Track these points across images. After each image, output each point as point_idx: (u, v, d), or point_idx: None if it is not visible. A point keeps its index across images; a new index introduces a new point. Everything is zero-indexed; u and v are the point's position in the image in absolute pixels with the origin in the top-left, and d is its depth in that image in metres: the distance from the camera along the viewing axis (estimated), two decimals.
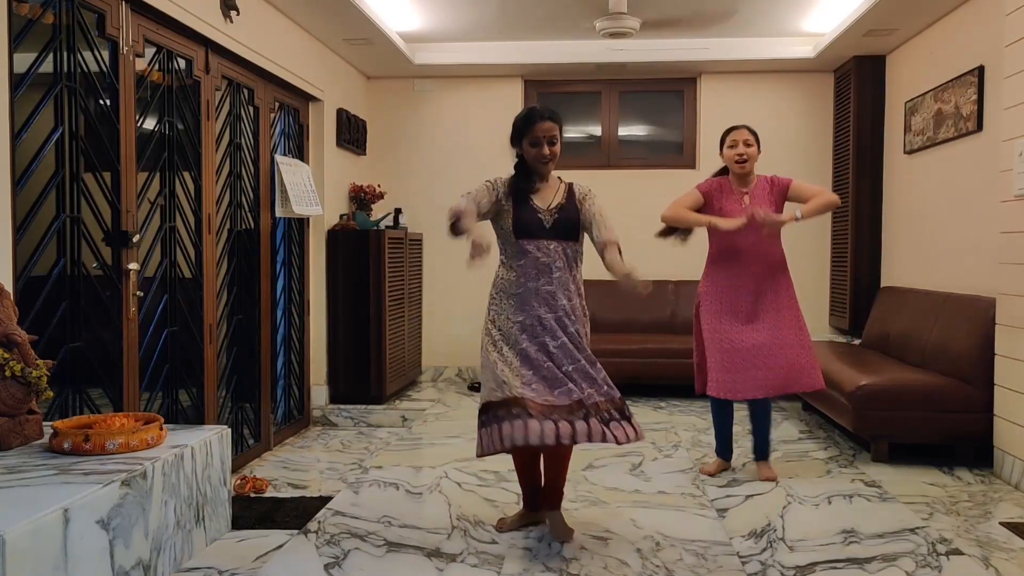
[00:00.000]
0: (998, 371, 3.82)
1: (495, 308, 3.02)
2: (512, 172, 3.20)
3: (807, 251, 6.26)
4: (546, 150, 3.09)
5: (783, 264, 3.80)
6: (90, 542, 2.08)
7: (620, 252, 3.02)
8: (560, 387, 2.85)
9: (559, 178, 3.20)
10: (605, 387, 2.92)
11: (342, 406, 5.27)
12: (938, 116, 4.83)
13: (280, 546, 2.93)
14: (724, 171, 3.90)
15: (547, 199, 3.10)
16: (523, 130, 3.14)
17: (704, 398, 4.22)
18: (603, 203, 3.19)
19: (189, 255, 3.76)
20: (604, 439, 2.81)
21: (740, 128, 3.80)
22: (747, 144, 3.73)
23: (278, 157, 4.66)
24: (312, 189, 4.95)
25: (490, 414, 2.86)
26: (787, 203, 3.79)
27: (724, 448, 3.94)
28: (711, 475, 3.87)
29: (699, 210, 3.81)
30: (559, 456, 3.03)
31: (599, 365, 2.97)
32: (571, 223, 3.05)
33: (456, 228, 2.95)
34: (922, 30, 5.09)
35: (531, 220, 3.02)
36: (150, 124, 3.52)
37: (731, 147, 3.77)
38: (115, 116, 3.20)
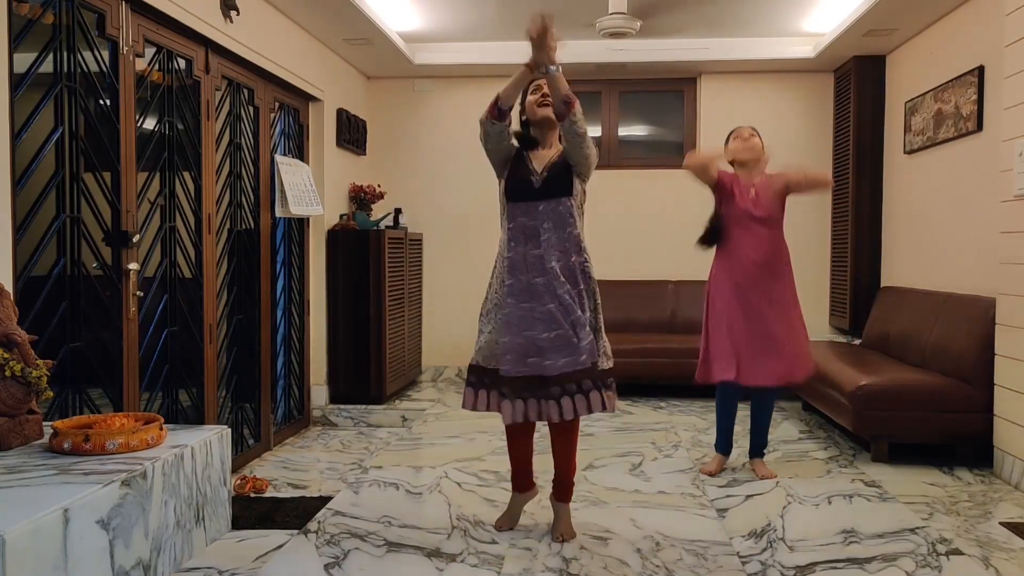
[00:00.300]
0: (998, 371, 3.82)
1: (494, 271, 3.03)
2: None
3: (807, 251, 6.26)
4: (542, 93, 3.10)
5: (784, 258, 3.84)
6: (90, 542, 2.08)
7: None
8: (533, 357, 2.82)
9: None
10: (583, 355, 2.83)
11: (342, 406, 5.27)
12: (938, 116, 4.83)
13: (280, 546, 2.93)
14: None
15: (544, 159, 3.06)
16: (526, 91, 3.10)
17: (705, 397, 4.24)
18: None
19: (189, 255, 3.76)
20: (574, 413, 2.82)
21: (742, 127, 3.94)
22: (752, 135, 3.86)
23: (278, 157, 4.66)
24: (312, 189, 4.95)
25: (473, 375, 2.99)
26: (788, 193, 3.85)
27: (724, 443, 3.95)
28: (712, 474, 3.87)
29: (712, 189, 3.88)
30: (560, 441, 3.02)
31: (589, 328, 2.88)
32: (562, 177, 2.97)
33: (500, 110, 3.12)
34: (922, 30, 5.09)
35: (522, 181, 3.00)
36: (150, 124, 3.52)
37: (736, 139, 3.88)
38: (115, 116, 3.20)
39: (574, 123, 2.97)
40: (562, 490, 3.09)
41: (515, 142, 3.11)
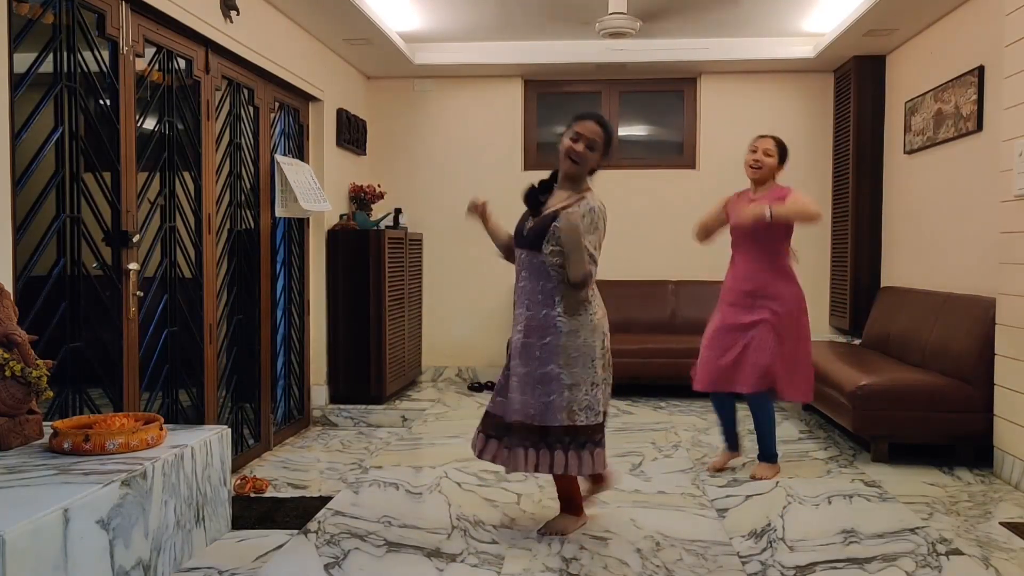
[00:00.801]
0: (998, 371, 3.82)
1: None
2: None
3: (807, 251, 6.26)
4: (580, 147, 2.99)
5: (783, 270, 3.81)
6: (90, 542, 2.08)
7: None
8: (499, 397, 3.06)
9: (582, 195, 3.05)
10: (531, 411, 2.91)
11: (342, 406, 5.27)
12: (938, 116, 4.83)
13: (280, 546, 2.93)
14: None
15: (550, 207, 3.02)
16: (570, 123, 3.06)
17: (704, 397, 4.26)
18: (590, 225, 2.99)
19: (189, 255, 3.76)
20: (525, 468, 2.93)
21: (765, 136, 3.84)
22: (766, 153, 3.78)
23: (279, 157, 4.66)
24: (318, 186, 4.96)
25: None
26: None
27: (729, 442, 4.00)
28: (719, 470, 3.90)
29: (719, 218, 3.91)
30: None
31: (543, 387, 2.90)
32: (538, 233, 2.95)
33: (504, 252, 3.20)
34: (922, 30, 5.09)
35: (520, 227, 3.07)
36: (150, 124, 3.52)
37: (752, 152, 3.83)
38: (115, 116, 3.20)
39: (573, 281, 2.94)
40: (562, 505, 3.19)
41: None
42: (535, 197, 3.06)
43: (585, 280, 2.91)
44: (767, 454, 3.88)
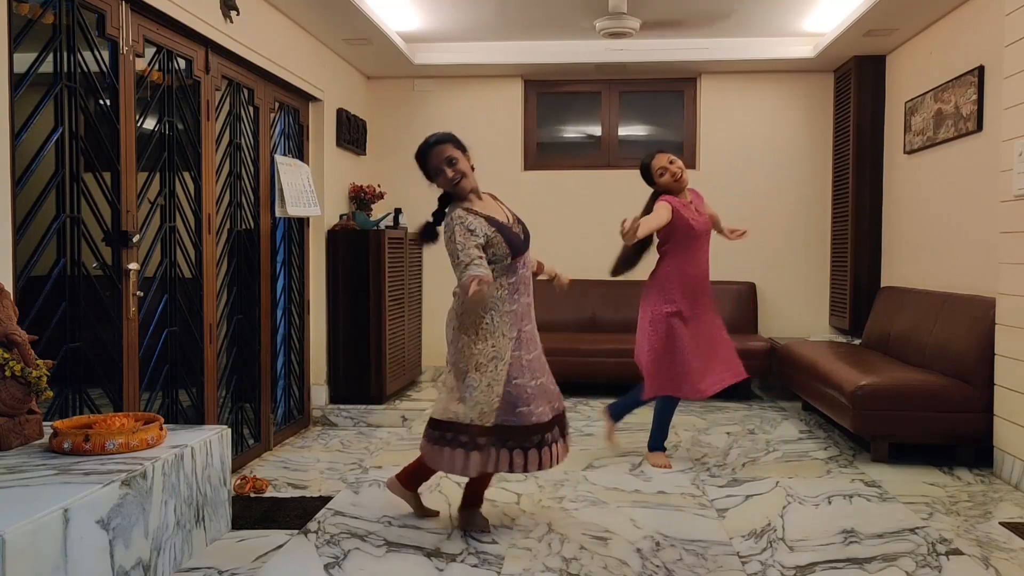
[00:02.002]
0: (998, 371, 3.82)
1: (488, 327, 2.93)
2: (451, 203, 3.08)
3: (807, 251, 6.27)
4: (450, 172, 2.99)
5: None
6: (90, 542, 2.08)
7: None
8: (537, 405, 3.00)
9: (489, 194, 3.14)
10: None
11: (342, 406, 5.27)
12: (938, 116, 4.83)
13: (280, 546, 2.93)
14: (655, 194, 4.08)
15: (504, 214, 3.05)
16: (423, 167, 3.08)
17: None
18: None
19: (189, 255, 3.76)
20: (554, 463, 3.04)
21: (664, 152, 4.05)
22: (670, 161, 3.99)
23: (277, 157, 4.66)
24: (311, 189, 4.95)
25: (466, 435, 2.97)
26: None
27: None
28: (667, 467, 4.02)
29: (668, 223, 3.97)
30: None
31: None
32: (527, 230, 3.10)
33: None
34: (922, 30, 5.09)
35: (513, 238, 2.97)
36: (150, 124, 3.52)
37: (670, 162, 3.98)
38: (115, 116, 3.20)
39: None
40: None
41: (486, 232, 2.92)
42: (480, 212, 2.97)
43: None
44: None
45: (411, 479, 3.26)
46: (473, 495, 3.20)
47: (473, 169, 3.05)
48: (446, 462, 2.92)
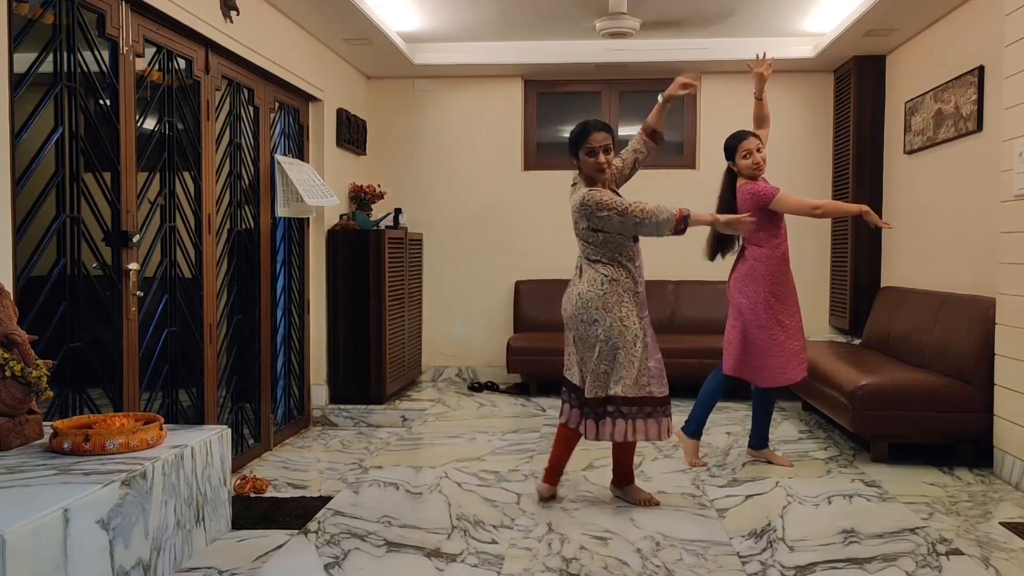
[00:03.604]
0: (998, 371, 3.82)
1: (624, 307, 3.32)
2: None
3: (807, 251, 6.26)
4: (601, 158, 3.29)
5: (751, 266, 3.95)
6: (90, 542, 2.08)
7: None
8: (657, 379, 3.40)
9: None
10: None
11: (342, 406, 5.27)
12: (938, 116, 4.83)
13: (280, 546, 2.93)
14: (732, 175, 4.03)
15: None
16: (578, 142, 3.31)
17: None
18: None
19: (189, 255, 3.76)
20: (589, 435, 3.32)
21: (749, 136, 3.93)
22: (759, 150, 3.92)
23: (279, 157, 4.66)
24: (321, 182, 4.96)
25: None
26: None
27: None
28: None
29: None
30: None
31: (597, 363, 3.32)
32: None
33: (683, 227, 3.41)
34: (922, 30, 5.09)
35: None
36: (150, 124, 3.52)
37: (752, 153, 3.91)
38: (115, 116, 3.20)
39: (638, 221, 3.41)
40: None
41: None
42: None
43: None
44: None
45: (625, 474, 3.53)
46: (628, 471, 3.51)
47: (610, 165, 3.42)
48: (650, 432, 3.28)
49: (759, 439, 4.09)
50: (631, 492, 3.48)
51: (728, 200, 3.98)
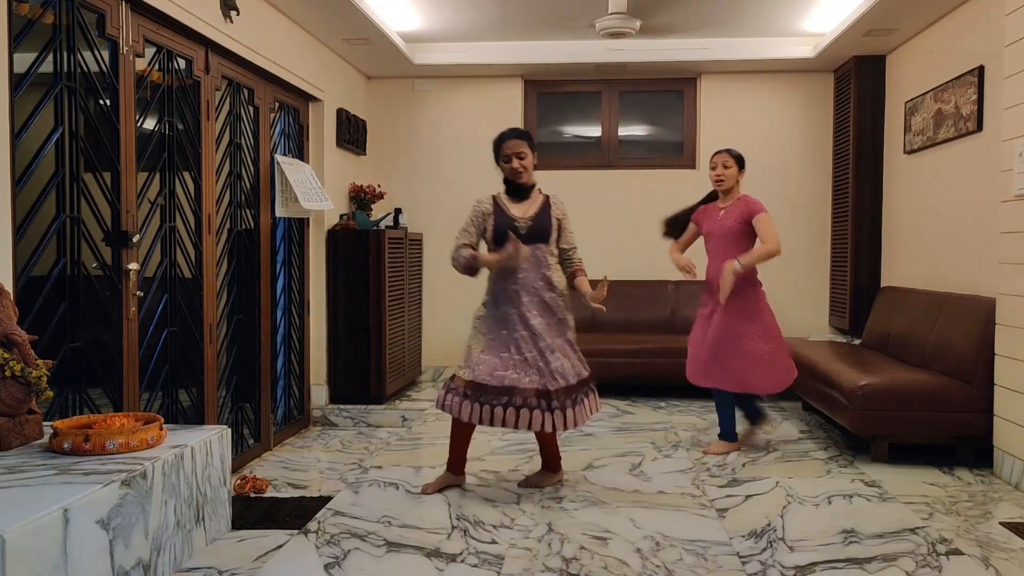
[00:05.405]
0: (998, 371, 3.82)
1: (484, 301, 3.58)
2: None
3: (807, 251, 6.27)
4: (515, 163, 3.53)
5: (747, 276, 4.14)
6: (90, 542, 2.08)
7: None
8: (508, 372, 3.40)
9: (539, 190, 3.64)
10: (556, 376, 3.42)
11: (342, 406, 5.27)
12: (938, 116, 4.83)
13: (280, 546, 2.93)
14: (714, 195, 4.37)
15: (525, 209, 3.56)
16: (496, 150, 3.60)
17: (704, 397, 4.39)
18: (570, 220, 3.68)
19: (189, 255, 3.76)
20: (529, 427, 3.38)
21: (721, 152, 4.26)
22: (725, 166, 4.20)
23: (279, 157, 4.66)
24: (318, 185, 4.96)
25: (454, 385, 3.45)
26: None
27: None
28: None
29: (694, 233, 4.43)
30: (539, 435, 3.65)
31: (560, 353, 3.46)
32: (543, 230, 3.52)
33: (473, 270, 3.54)
34: (922, 30, 5.09)
35: (506, 227, 3.49)
36: (150, 124, 3.52)
37: (712, 168, 4.25)
38: (115, 116, 3.20)
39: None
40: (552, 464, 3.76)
41: (486, 213, 3.59)
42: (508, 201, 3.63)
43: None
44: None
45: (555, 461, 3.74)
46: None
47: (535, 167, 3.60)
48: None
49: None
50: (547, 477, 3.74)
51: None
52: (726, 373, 4.12)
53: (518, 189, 3.57)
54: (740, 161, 4.23)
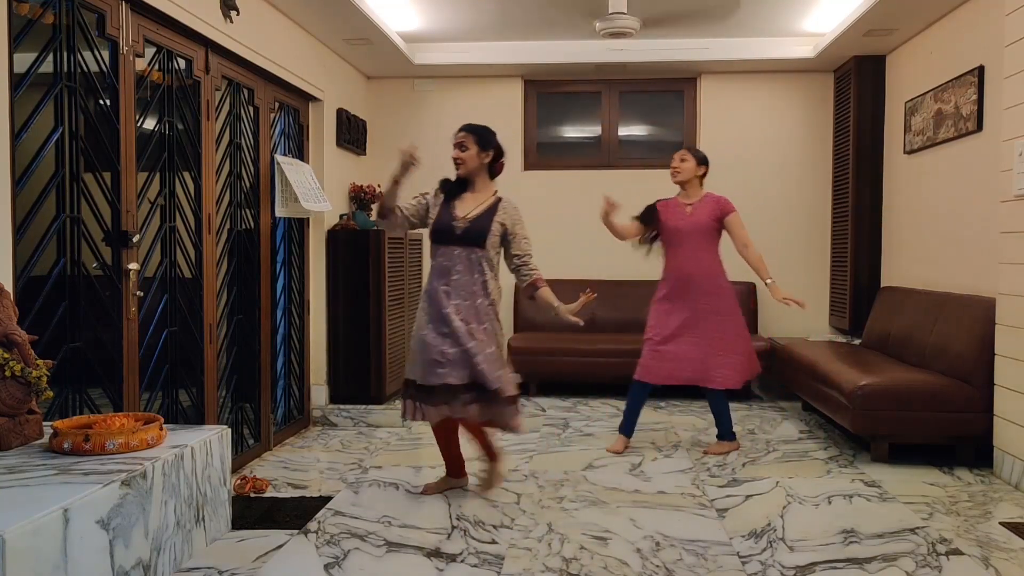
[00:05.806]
0: (998, 371, 3.82)
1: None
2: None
3: (807, 251, 6.27)
4: (454, 152, 3.48)
5: (716, 271, 4.28)
6: (90, 542, 2.08)
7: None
8: (438, 368, 3.28)
9: (495, 192, 3.53)
10: (482, 378, 3.29)
11: (342, 406, 5.27)
12: (938, 116, 4.83)
13: (280, 546, 2.93)
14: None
15: (467, 208, 3.45)
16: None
17: (705, 397, 4.36)
18: (525, 227, 3.53)
19: (189, 255, 3.76)
20: (465, 416, 3.34)
21: (682, 149, 4.41)
22: (682, 159, 4.32)
23: (279, 157, 4.66)
24: (318, 186, 4.96)
25: (407, 389, 3.41)
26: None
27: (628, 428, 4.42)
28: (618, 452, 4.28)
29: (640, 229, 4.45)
30: (467, 428, 3.51)
31: (482, 357, 3.28)
32: (480, 233, 3.38)
33: (383, 210, 3.53)
34: (922, 30, 5.09)
35: (444, 226, 3.42)
36: (150, 124, 3.52)
37: (672, 164, 4.36)
38: (115, 116, 3.20)
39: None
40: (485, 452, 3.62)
41: (429, 203, 3.55)
42: (449, 194, 3.54)
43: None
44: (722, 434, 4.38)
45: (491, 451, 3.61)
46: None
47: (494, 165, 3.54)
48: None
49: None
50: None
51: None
52: (733, 369, 4.18)
53: (459, 182, 3.50)
54: (700, 158, 4.33)
